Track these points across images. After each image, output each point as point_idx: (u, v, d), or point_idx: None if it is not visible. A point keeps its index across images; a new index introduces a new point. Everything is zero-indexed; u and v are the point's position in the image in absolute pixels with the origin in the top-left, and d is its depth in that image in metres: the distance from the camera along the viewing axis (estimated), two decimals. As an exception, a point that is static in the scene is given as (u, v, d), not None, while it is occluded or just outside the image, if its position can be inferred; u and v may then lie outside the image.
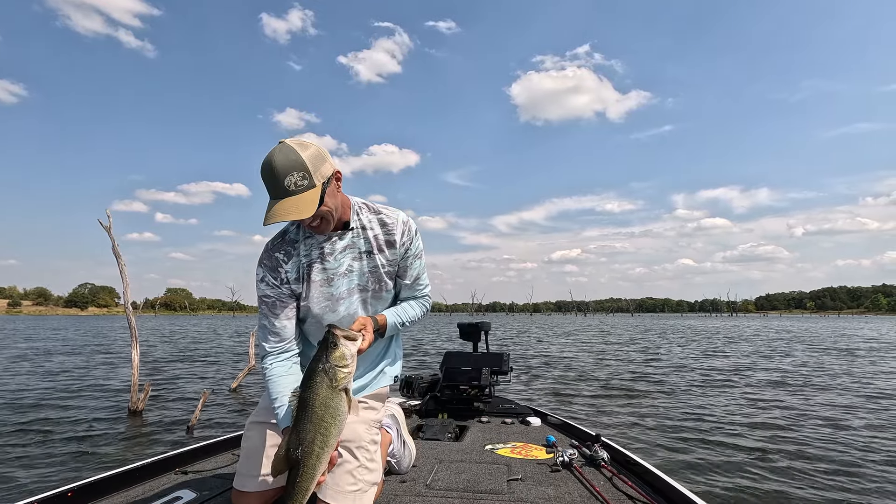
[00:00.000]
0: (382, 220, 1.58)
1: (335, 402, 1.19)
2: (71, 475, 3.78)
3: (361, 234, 1.54)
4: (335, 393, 1.19)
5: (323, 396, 1.19)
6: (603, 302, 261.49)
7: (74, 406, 6.37)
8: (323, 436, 1.19)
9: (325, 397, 1.19)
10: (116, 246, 6.42)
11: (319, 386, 1.19)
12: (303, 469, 1.19)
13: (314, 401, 1.19)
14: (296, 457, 1.19)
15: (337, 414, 1.20)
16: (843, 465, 3.96)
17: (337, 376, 1.19)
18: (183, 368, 10.71)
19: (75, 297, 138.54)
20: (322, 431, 1.19)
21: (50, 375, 9.36)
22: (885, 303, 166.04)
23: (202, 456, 2.25)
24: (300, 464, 1.19)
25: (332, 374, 1.19)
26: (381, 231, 1.57)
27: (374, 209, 1.59)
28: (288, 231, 1.57)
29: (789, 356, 13.40)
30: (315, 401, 1.19)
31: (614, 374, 9.51)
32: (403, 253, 1.59)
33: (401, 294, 1.68)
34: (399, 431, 2.01)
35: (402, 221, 1.59)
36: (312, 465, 1.19)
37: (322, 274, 1.51)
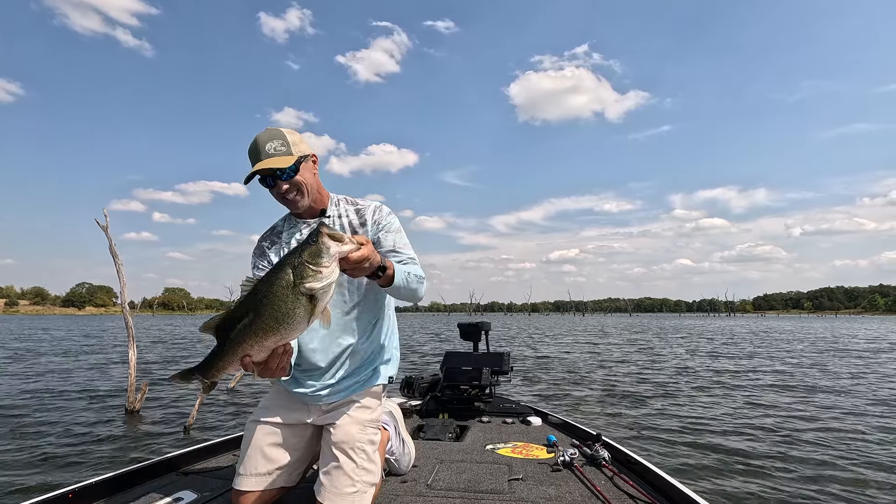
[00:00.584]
0: (357, 208, 1.66)
1: (290, 301, 1.05)
2: (68, 475, 3.77)
3: (337, 221, 1.63)
4: (293, 292, 1.05)
5: (277, 289, 1.05)
6: (601, 302, 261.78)
7: (71, 406, 6.35)
8: (261, 326, 1.06)
9: (280, 292, 1.05)
10: (113, 245, 6.41)
11: (280, 278, 1.06)
12: (224, 347, 1.10)
13: (267, 291, 1.06)
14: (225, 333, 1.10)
15: (288, 316, 1.06)
16: (845, 465, 3.95)
17: (303, 273, 1.05)
18: (181, 368, 10.64)
19: (73, 297, 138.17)
20: (261, 322, 1.06)
21: (46, 375, 9.33)
22: (882, 303, 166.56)
23: (203, 457, 2.25)
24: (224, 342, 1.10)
25: (300, 270, 1.05)
26: (356, 217, 1.65)
27: (352, 201, 1.68)
28: (276, 225, 1.71)
29: (790, 356, 13.41)
30: (268, 291, 1.06)
31: (615, 374, 9.51)
32: (375, 230, 1.63)
33: None
34: (397, 429, 2.00)
35: (374, 205, 1.67)
36: (232, 349, 1.09)
37: None
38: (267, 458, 1.54)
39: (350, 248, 1.12)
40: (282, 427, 1.59)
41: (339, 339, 1.60)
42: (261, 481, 1.52)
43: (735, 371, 10.05)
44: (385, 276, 1.35)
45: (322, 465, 1.53)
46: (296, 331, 1.11)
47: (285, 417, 1.60)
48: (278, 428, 1.58)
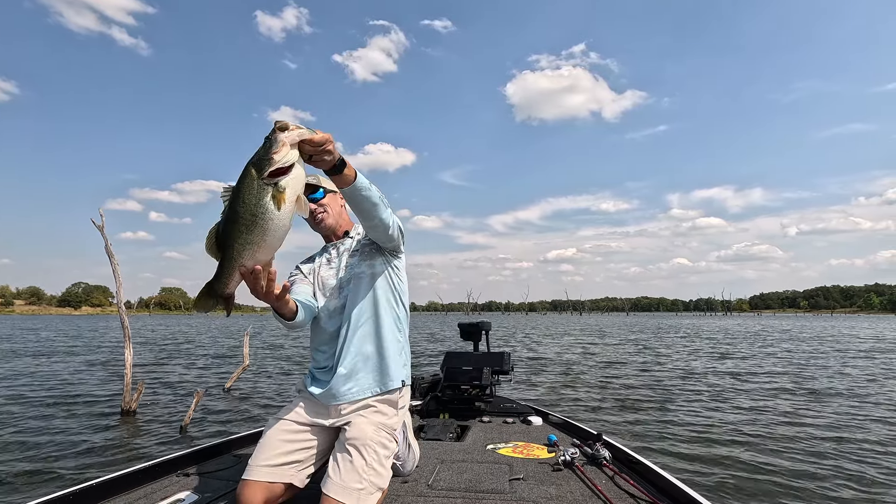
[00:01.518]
0: None
1: (258, 194, 1.11)
2: (63, 476, 3.76)
3: (356, 238, 1.87)
4: (258, 185, 1.11)
5: (244, 186, 1.11)
6: (598, 301, 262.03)
7: (67, 406, 6.34)
8: (245, 229, 1.12)
9: (246, 188, 1.11)
10: (109, 245, 6.38)
11: (244, 176, 1.12)
12: (224, 259, 1.18)
13: (237, 192, 1.13)
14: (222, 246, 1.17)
15: (260, 208, 1.11)
16: (846, 465, 3.96)
17: (261, 165, 1.11)
18: (177, 368, 10.66)
19: (69, 297, 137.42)
20: (243, 225, 1.12)
21: (40, 376, 9.29)
22: (877, 302, 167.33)
23: (205, 458, 2.24)
24: (222, 255, 1.18)
25: (259, 163, 1.11)
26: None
27: None
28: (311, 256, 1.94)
29: (791, 356, 13.44)
30: (237, 192, 1.12)
31: (615, 374, 9.53)
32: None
33: None
34: (405, 434, 2.01)
35: None
36: (233, 256, 1.16)
37: (328, 272, 1.82)
38: (280, 451, 1.58)
39: (305, 130, 1.17)
40: (299, 424, 1.65)
41: (348, 338, 1.68)
42: (270, 472, 1.53)
43: (735, 370, 10.08)
44: (347, 173, 1.37)
45: (331, 460, 1.55)
46: (274, 224, 1.14)
47: (304, 417, 1.67)
48: (296, 424, 1.65)
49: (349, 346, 1.68)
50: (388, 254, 1.79)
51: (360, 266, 1.76)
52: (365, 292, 1.73)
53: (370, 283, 1.73)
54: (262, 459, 1.55)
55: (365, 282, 1.73)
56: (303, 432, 1.64)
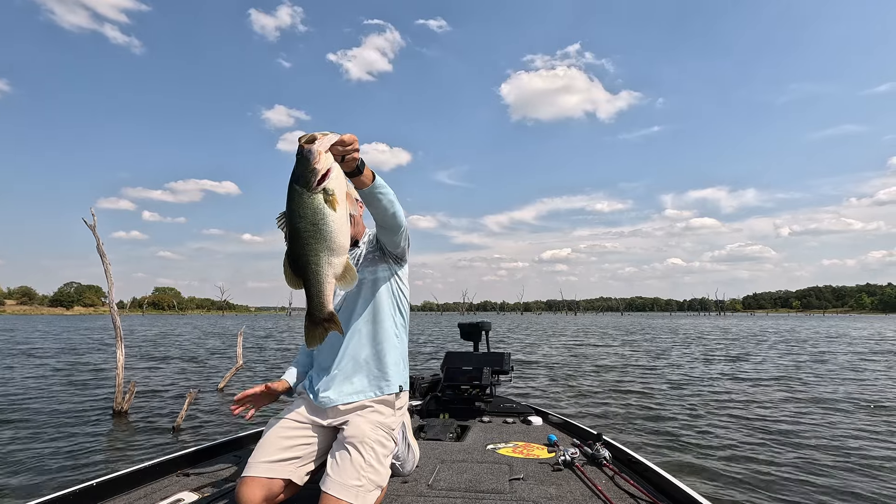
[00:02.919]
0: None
1: (315, 205, 1.17)
2: (56, 478, 3.72)
3: (364, 246, 1.88)
4: (311, 197, 1.17)
5: (298, 205, 1.18)
6: (593, 301, 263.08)
7: (57, 407, 6.28)
8: (313, 240, 1.18)
9: (303, 205, 1.17)
10: (101, 244, 6.35)
11: (293, 198, 1.18)
12: (307, 280, 1.22)
13: (293, 214, 1.18)
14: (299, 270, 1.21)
15: (319, 216, 1.18)
16: (846, 464, 3.98)
17: (309, 180, 1.17)
18: (169, 368, 10.59)
19: (61, 297, 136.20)
20: (309, 238, 1.18)
21: (33, 375, 9.21)
22: (868, 302, 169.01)
23: (204, 458, 2.24)
24: (304, 277, 1.22)
25: (302, 179, 1.17)
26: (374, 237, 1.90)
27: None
28: None
29: (787, 355, 13.52)
30: (294, 213, 1.18)
31: (614, 374, 9.56)
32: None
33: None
34: (404, 434, 2.01)
35: None
36: (313, 271, 1.21)
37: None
38: (279, 447, 1.60)
39: (332, 135, 1.22)
40: (298, 422, 1.67)
41: (345, 342, 1.72)
42: (269, 469, 1.54)
43: (735, 370, 10.13)
44: (366, 174, 1.42)
45: (330, 458, 1.57)
46: (337, 225, 1.20)
47: (303, 415, 1.70)
48: (294, 422, 1.67)
49: (346, 349, 1.71)
50: (392, 261, 1.81)
51: (363, 272, 1.79)
52: (365, 297, 1.76)
53: (372, 288, 1.77)
54: (262, 456, 1.56)
55: (367, 287, 1.77)
56: (302, 429, 1.66)
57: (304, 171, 1.17)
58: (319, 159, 1.17)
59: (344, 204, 1.22)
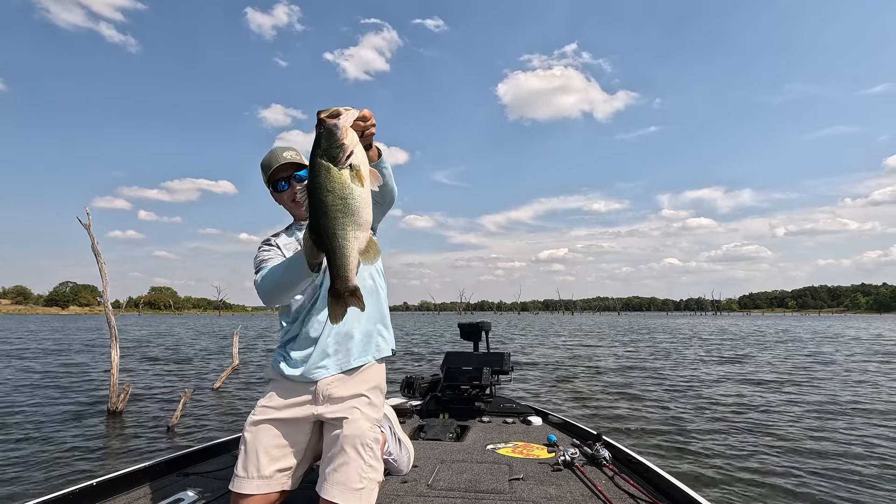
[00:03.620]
0: None
1: (343, 181, 1.16)
2: (51, 479, 3.70)
3: None
4: (339, 172, 1.16)
5: (329, 180, 1.16)
6: (590, 301, 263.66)
7: (51, 408, 6.25)
8: (341, 214, 1.17)
9: (331, 180, 1.16)
10: (96, 244, 6.32)
11: (319, 174, 1.17)
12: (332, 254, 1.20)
13: (320, 188, 1.17)
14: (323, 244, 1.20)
15: (348, 191, 1.17)
16: (846, 464, 3.99)
17: (333, 155, 1.16)
18: (164, 368, 10.56)
19: (56, 296, 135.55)
20: (337, 212, 1.17)
21: (27, 376, 9.16)
22: (863, 301, 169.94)
23: (204, 457, 2.24)
24: (329, 250, 1.20)
25: (328, 154, 1.16)
26: None
27: None
28: (278, 232, 1.80)
29: (787, 356, 13.55)
30: (321, 187, 1.16)
31: (614, 374, 9.58)
32: None
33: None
34: (392, 430, 1.99)
35: None
36: (339, 245, 1.19)
37: None
38: (271, 458, 1.49)
39: (353, 110, 1.22)
40: (284, 425, 1.54)
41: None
42: (263, 484, 1.47)
43: (735, 371, 10.14)
44: (374, 149, 1.42)
45: (328, 460, 1.47)
46: (363, 200, 1.19)
47: (287, 413, 1.54)
48: (281, 427, 1.53)
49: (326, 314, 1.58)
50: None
51: None
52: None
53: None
54: (253, 470, 1.47)
55: None
56: (291, 433, 1.54)
57: (332, 146, 1.16)
58: (347, 135, 1.17)
59: (368, 180, 1.21)
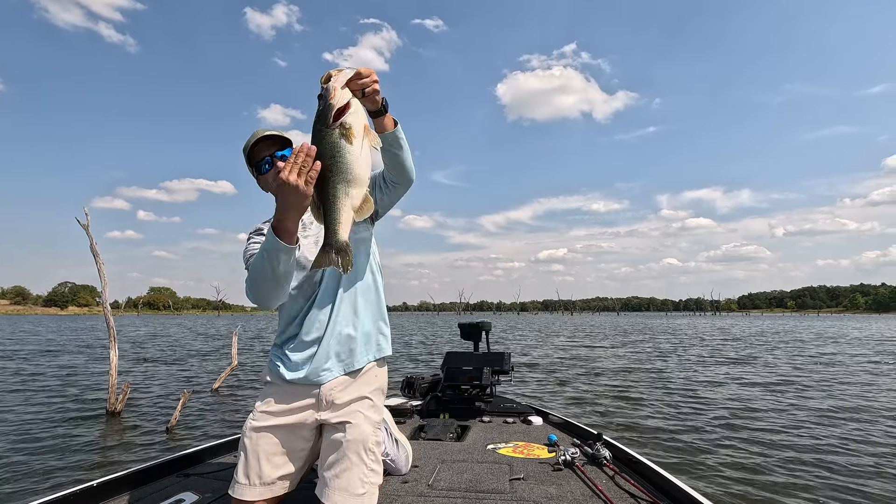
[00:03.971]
0: None
1: (332, 138, 1.17)
2: (49, 479, 3.69)
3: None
4: (329, 131, 1.17)
5: (318, 140, 1.18)
6: (589, 301, 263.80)
7: (50, 408, 6.24)
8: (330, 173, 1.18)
9: (321, 139, 1.17)
10: (94, 244, 6.32)
11: (315, 133, 1.18)
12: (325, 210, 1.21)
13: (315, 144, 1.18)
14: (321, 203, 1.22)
15: (337, 148, 1.17)
16: (845, 465, 3.98)
17: (326, 115, 1.16)
18: (163, 369, 10.54)
19: (55, 297, 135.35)
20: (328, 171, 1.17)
21: (24, 377, 9.14)
22: (862, 302, 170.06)
23: (204, 458, 2.23)
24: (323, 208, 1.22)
25: (323, 115, 1.17)
26: None
27: None
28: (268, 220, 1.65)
29: (787, 357, 13.54)
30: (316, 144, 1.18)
31: (614, 374, 9.57)
32: None
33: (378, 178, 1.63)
34: (388, 430, 1.99)
35: None
36: (331, 201, 1.19)
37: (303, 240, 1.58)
38: (271, 465, 1.46)
39: (348, 70, 1.21)
40: (285, 431, 1.50)
41: (335, 309, 1.54)
42: (265, 490, 1.45)
43: (736, 372, 10.12)
44: (389, 116, 1.36)
45: (329, 464, 1.44)
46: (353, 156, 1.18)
47: (287, 419, 1.50)
48: (281, 433, 1.49)
49: (338, 316, 1.52)
50: (370, 220, 1.63)
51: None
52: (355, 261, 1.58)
53: (355, 249, 1.55)
54: (254, 477, 1.44)
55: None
56: (290, 439, 1.50)
57: (324, 108, 1.17)
58: (335, 94, 1.17)
59: (361, 136, 1.20)
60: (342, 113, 1.17)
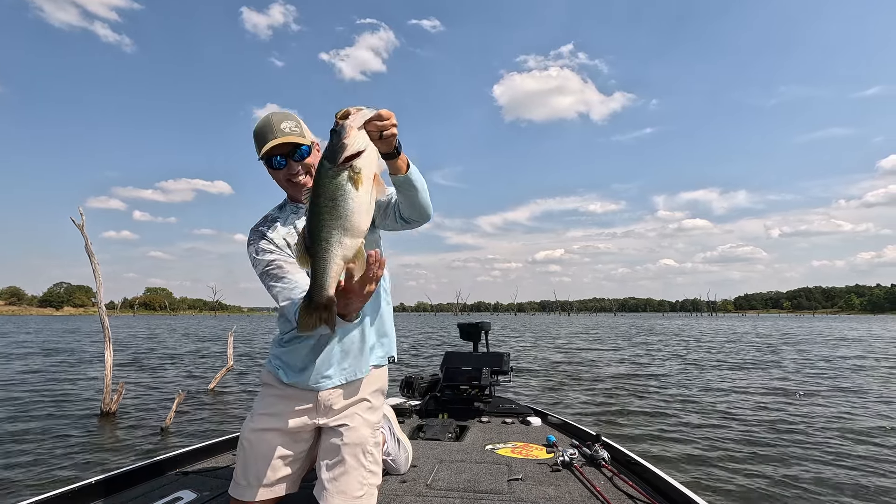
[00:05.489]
0: None
1: (337, 180, 1.09)
2: (42, 480, 3.68)
3: None
4: (336, 172, 1.09)
5: (321, 179, 1.10)
6: (586, 302, 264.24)
7: (43, 409, 6.20)
8: (328, 216, 1.09)
9: (324, 179, 1.10)
10: (89, 244, 6.30)
11: (319, 172, 1.11)
12: (314, 257, 1.12)
13: (315, 188, 1.10)
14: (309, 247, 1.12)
15: (340, 191, 1.09)
16: (845, 466, 3.99)
17: (336, 155, 1.09)
18: (159, 369, 10.50)
19: (50, 297, 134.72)
20: (325, 213, 1.09)
21: (21, 376, 9.09)
22: (857, 302, 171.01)
23: (202, 456, 2.23)
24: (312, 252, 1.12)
25: (331, 154, 1.09)
26: None
27: None
28: (268, 214, 1.62)
29: (784, 357, 13.59)
30: (317, 187, 1.10)
31: (613, 375, 9.58)
32: None
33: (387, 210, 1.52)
34: (391, 429, 1.99)
35: None
36: (322, 248, 1.10)
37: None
38: (271, 467, 1.46)
39: (366, 110, 1.13)
40: (285, 434, 1.49)
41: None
42: (265, 492, 1.45)
43: (736, 373, 10.13)
44: (402, 157, 1.29)
45: (327, 467, 1.45)
46: (355, 203, 1.10)
47: (287, 423, 1.49)
48: (281, 435, 1.49)
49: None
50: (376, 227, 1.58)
51: None
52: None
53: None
54: (254, 478, 1.44)
55: None
56: (291, 443, 1.49)
57: (333, 145, 1.10)
58: (349, 135, 1.10)
59: (370, 185, 1.12)
60: (355, 156, 1.10)
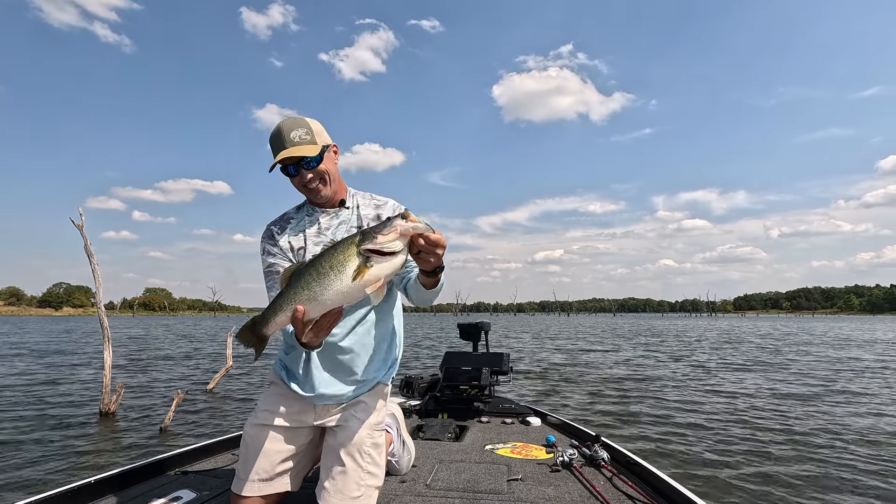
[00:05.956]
0: (376, 203, 1.64)
1: (347, 257, 1.08)
2: (41, 480, 3.67)
3: (356, 211, 1.61)
4: (354, 251, 1.08)
5: (341, 246, 1.10)
6: (586, 302, 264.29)
7: (42, 409, 6.19)
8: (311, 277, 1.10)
9: (342, 248, 1.09)
10: (88, 244, 6.30)
11: (347, 238, 1.11)
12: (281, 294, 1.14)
13: (332, 247, 1.11)
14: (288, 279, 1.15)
15: (339, 267, 1.08)
16: (845, 466, 3.99)
17: (366, 237, 1.08)
18: (158, 369, 10.49)
19: (49, 297, 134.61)
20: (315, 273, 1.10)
21: (19, 377, 9.08)
22: (857, 303, 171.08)
23: (202, 456, 2.23)
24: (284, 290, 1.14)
25: (366, 234, 1.09)
26: (373, 211, 1.61)
27: (369, 195, 1.67)
28: (287, 213, 1.65)
29: (785, 357, 13.59)
30: (333, 248, 1.11)
31: (613, 375, 9.57)
32: None
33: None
34: (399, 431, 1.99)
35: (392, 203, 1.65)
36: (288, 294, 1.13)
37: (316, 248, 1.53)
38: (271, 462, 1.48)
39: (423, 225, 1.12)
40: (285, 430, 1.52)
41: (347, 329, 1.52)
42: (264, 487, 1.47)
43: (735, 373, 10.13)
44: (438, 276, 1.30)
45: (326, 467, 1.48)
46: (342, 286, 1.09)
47: (288, 420, 1.53)
48: (281, 431, 1.52)
49: (348, 337, 1.51)
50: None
51: None
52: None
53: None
54: (254, 473, 1.46)
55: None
56: (291, 438, 1.52)
57: (372, 231, 1.09)
58: (389, 234, 1.08)
59: (370, 284, 1.10)
60: (379, 255, 1.09)
